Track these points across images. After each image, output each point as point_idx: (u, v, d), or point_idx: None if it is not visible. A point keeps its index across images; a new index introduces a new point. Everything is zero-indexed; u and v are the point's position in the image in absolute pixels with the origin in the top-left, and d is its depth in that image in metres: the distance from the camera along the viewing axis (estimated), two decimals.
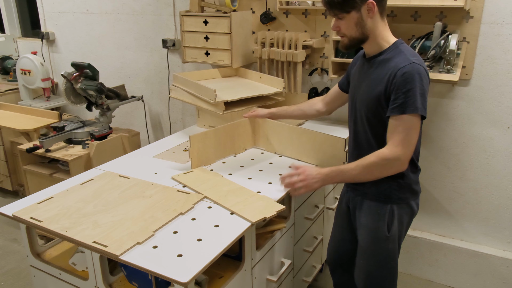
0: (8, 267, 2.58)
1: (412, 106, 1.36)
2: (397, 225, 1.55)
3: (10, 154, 3.16)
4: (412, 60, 1.39)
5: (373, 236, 1.57)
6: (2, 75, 3.82)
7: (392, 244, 1.57)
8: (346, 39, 1.49)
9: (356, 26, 1.44)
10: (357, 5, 1.40)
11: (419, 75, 1.37)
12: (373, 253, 1.60)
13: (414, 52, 1.46)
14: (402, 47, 1.46)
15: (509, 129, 2.09)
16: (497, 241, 2.27)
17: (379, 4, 1.43)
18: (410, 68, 1.37)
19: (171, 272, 1.19)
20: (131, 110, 3.26)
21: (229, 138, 1.98)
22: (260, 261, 1.64)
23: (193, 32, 2.49)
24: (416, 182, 1.57)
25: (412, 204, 1.58)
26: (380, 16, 1.45)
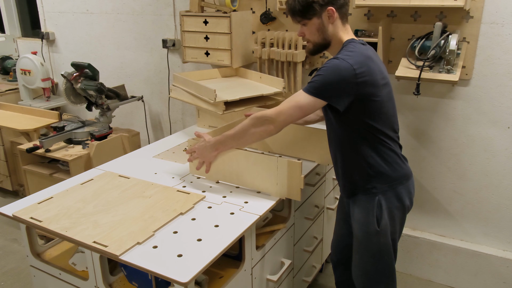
0: (8, 267, 2.58)
1: (309, 87, 1.45)
2: (387, 219, 1.56)
3: (10, 154, 3.15)
4: (340, 56, 1.45)
5: (365, 231, 1.59)
6: (2, 75, 3.81)
7: (383, 238, 1.58)
8: (310, 44, 1.58)
9: (318, 32, 1.52)
10: (318, 12, 1.49)
11: (334, 65, 1.42)
12: (366, 248, 1.62)
13: (353, 49, 1.47)
14: (346, 47, 1.50)
15: (509, 129, 2.09)
16: (497, 241, 2.27)
17: (339, 10, 1.51)
18: (331, 61, 1.44)
19: (171, 272, 1.19)
20: (131, 110, 3.26)
21: None
22: (260, 261, 1.64)
23: (193, 32, 2.49)
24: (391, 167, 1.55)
25: (399, 193, 1.56)
26: (341, 22, 1.53)
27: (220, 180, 1.74)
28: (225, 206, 1.56)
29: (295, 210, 1.87)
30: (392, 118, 1.56)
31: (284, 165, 1.57)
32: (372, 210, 1.55)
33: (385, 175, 1.54)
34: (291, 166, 1.56)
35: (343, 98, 1.43)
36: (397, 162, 1.57)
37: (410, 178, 1.61)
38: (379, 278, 1.64)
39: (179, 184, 1.73)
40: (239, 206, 1.55)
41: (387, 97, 1.53)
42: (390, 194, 1.55)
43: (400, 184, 1.57)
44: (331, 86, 1.42)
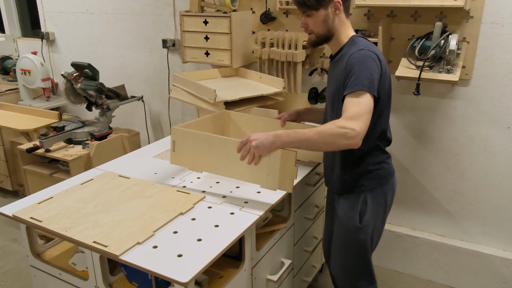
0: (8, 267, 2.58)
1: (360, 84, 1.40)
2: (370, 216, 1.59)
3: (10, 154, 3.16)
4: (361, 47, 1.46)
5: (346, 226, 1.61)
6: (2, 75, 3.82)
7: (363, 235, 1.60)
8: (313, 36, 1.57)
9: (323, 23, 1.52)
10: (325, 3, 1.49)
11: (366, 57, 1.43)
12: (345, 244, 1.64)
13: (368, 43, 1.51)
14: (357, 40, 1.53)
15: (509, 129, 2.09)
16: (497, 241, 2.27)
17: (344, 4, 1.52)
18: (358, 53, 1.44)
19: (171, 272, 1.19)
20: (131, 110, 3.26)
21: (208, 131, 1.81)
22: (260, 261, 1.64)
23: (193, 32, 2.49)
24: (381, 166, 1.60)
25: (385, 191, 1.61)
26: (345, 15, 1.55)
27: (205, 171, 1.62)
28: (225, 206, 1.56)
29: (295, 210, 1.87)
30: (388, 118, 1.60)
31: (277, 155, 1.48)
32: (357, 207, 1.59)
33: (375, 174, 1.58)
34: (285, 156, 1.47)
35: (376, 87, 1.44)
36: (385, 161, 1.61)
37: (394, 175, 1.66)
38: (359, 274, 1.67)
39: (179, 184, 1.73)
40: (239, 206, 1.55)
41: (390, 97, 1.57)
42: (376, 192, 1.59)
43: (386, 182, 1.61)
44: (373, 78, 1.42)
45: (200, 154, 1.61)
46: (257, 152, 1.46)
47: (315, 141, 1.40)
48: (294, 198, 1.84)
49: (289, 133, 1.43)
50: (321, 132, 1.39)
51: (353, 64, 1.43)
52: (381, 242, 2.51)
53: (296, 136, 1.42)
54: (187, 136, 1.62)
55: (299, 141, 1.43)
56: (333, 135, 1.37)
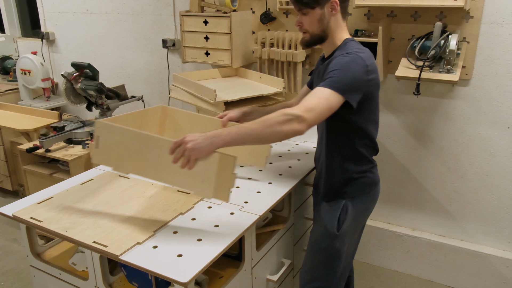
0: (8, 267, 2.58)
1: (332, 83, 1.34)
2: (349, 225, 1.54)
3: (10, 154, 3.16)
4: (349, 50, 1.41)
5: (323, 232, 1.56)
6: (2, 75, 3.82)
7: (339, 244, 1.54)
8: (307, 35, 1.52)
9: (319, 22, 1.47)
10: (322, 2, 1.45)
11: (352, 61, 1.37)
12: (319, 249, 1.58)
13: (360, 47, 1.46)
14: (349, 44, 1.47)
15: (509, 129, 2.09)
16: (497, 241, 2.27)
17: (341, 4, 1.47)
18: (345, 56, 1.40)
19: (171, 272, 1.19)
20: (131, 110, 3.25)
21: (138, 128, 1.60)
22: (260, 261, 1.64)
23: (193, 32, 2.49)
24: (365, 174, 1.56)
25: (367, 200, 1.58)
26: (341, 16, 1.50)
27: (132, 173, 1.43)
28: (225, 206, 1.56)
29: (295, 210, 1.87)
30: (377, 127, 1.56)
31: (214, 160, 1.29)
32: (336, 213, 1.53)
33: (358, 182, 1.54)
34: (223, 161, 1.29)
35: (357, 95, 1.38)
36: (370, 170, 1.57)
37: (378, 184, 1.62)
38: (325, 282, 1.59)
39: None
40: (239, 206, 1.55)
41: (378, 104, 1.53)
42: (358, 200, 1.55)
43: (369, 191, 1.57)
44: (351, 81, 1.37)
45: (127, 153, 1.40)
46: (193, 155, 1.27)
47: (260, 132, 1.30)
48: (294, 198, 1.84)
49: (230, 130, 1.30)
50: (266, 120, 1.31)
51: (334, 65, 1.39)
52: (381, 242, 2.52)
53: (238, 132, 1.30)
54: (113, 132, 1.41)
55: (242, 136, 1.30)
56: (279, 122, 1.30)
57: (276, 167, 1.87)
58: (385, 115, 2.34)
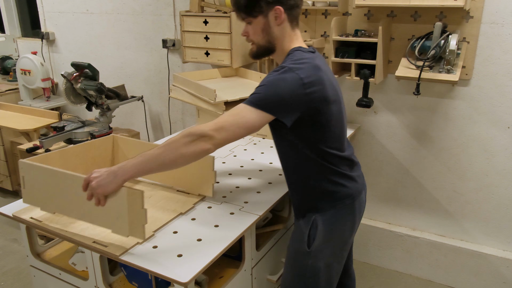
0: (8, 267, 2.58)
1: (254, 99, 1.27)
2: (322, 241, 1.43)
3: (10, 154, 3.16)
4: (286, 64, 1.30)
5: (295, 249, 1.48)
6: (2, 75, 3.82)
7: (312, 261, 1.44)
8: (254, 46, 1.42)
9: (263, 32, 1.37)
10: (264, 10, 1.34)
11: (282, 77, 1.27)
12: (292, 266, 1.50)
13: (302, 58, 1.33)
14: (292, 55, 1.36)
15: (509, 129, 2.09)
16: (497, 241, 2.27)
17: (288, 12, 1.35)
18: (276, 71, 1.30)
19: (171, 272, 1.19)
20: (131, 110, 3.26)
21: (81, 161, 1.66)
22: (260, 261, 1.64)
23: (193, 32, 2.49)
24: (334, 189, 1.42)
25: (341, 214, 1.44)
26: (289, 26, 1.38)
27: (58, 212, 1.42)
28: (225, 206, 1.56)
29: None
30: (339, 138, 1.42)
31: (122, 194, 1.24)
32: (306, 229, 1.44)
33: (327, 196, 1.42)
34: (131, 195, 1.24)
35: (290, 113, 1.27)
36: (341, 183, 1.42)
37: (356, 198, 1.46)
38: None
39: None
40: (239, 206, 1.55)
41: (337, 116, 1.38)
42: (329, 215, 1.43)
43: (342, 205, 1.43)
44: (277, 98, 1.26)
45: (50, 193, 1.38)
46: (99, 192, 1.22)
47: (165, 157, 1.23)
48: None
49: (135, 160, 1.23)
50: (170, 143, 1.24)
51: (263, 80, 1.30)
52: (381, 242, 2.52)
53: (143, 161, 1.23)
54: (35, 171, 1.39)
55: (147, 164, 1.23)
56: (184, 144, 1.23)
57: (276, 167, 1.87)
58: (385, 115, 2.34)
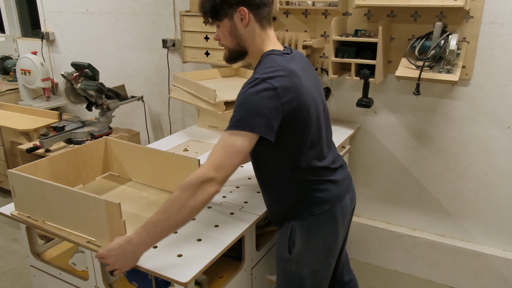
0: (8, 267, 2.58)
1: (236, 123, 1.20)
2: (301, 248, 1.40)
3: (10, 154, 3.15)
4: (258, 75, 1.24)
5: (279, 255, 1.47)
6: (2, 75, 3.81)
7: (295, 267, 1.42)
8: (226, 50, 1.38)
9: (231, 35, 1.33)
10: (228, 12, 1.30)
11: (255, 91, 1.21)
12: (279, 272, 1.49)
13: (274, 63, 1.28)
14: (264, 61, 1.31)
15: (509, 129, 2.09)
16: (497, 241, 2.27)
17: (254, 12, 1.30)
18: (249, 83, 1.24)
19: (171, 272, 1.19)
20: (131, 110, 3.26)
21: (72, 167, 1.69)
22: (260, 261, 1.64)
23: (193, 32, 2.49)
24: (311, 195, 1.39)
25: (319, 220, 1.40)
26: (258, 26, 1.33)
27: (46, 220, 1.45)
28: (225, 206, 1.56)
29: None
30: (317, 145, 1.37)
31: (101, 207, 1.28)
32: (286, 236, 1.42)
33: (303, 203, 1.39)
34: (109, 207, 1.27)
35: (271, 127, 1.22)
36: (318, 189, 1.38)
37: (336, 203, 1.42)
38: None
39: None
40: (239, 206, 1.55)
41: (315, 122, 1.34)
42: (307, 221, 1.39)
43: (321, 210, 1.39)
44: (255, 113, 1.20)
45: (38, 202, 1.42)
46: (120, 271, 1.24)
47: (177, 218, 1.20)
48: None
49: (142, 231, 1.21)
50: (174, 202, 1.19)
51: (238, 97, 1.24)
52: (381, 242, 2.52)
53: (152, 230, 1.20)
54: (23, 181, 1.43)
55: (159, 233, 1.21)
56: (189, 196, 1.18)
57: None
58: (385, 115, 2.34)
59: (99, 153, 1.78)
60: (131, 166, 1.77)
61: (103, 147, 1.79)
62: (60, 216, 1.39)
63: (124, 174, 1.80)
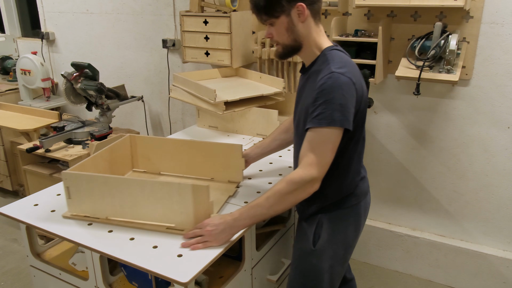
0: (8, 267, 2.58)
1: (329, 118, 1.24)
2: (326, 241, 1.43)
3: (10, 154, 3.15)
4: (333, 69, 1.27)
5: (300, 248, 1.49)
6: (2, 75, 3.81)
7: (316, 260, 1.44)
8: (280, 47, 1.39)
9: (287, 32, 1.34)
10: (286, 8, 1.31)
11: (338, 85, 1.25)
12: (297, 265, 1.50)
13: (343, 60, 1.33)
14: (329, 55, 1.34)
15: (509, 129, 2.09)
16: (497, 241, 2.27)
17: (310, 7, 1.33)
18: (328, 78, 1.26)
19: (171, 272, 1.19)
20: (131, 110, 3.26)
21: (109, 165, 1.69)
22: (260, 261, 1.64)
23: (193, 32, 2.49)
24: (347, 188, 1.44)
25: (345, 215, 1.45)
26: (313, 21, 1.35)
27: (110, 216, 1.45)
28: (225, 206, 1.56)
29: (295, 210, 1.87)
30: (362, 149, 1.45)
31: (188, 191, 1.33)
32: (312, 228, 1.44)
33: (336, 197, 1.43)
34: (196, 191, 1.33)
35: (351, 118, 1.28)
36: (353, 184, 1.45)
37: (362, 199, 1.48)
38: None
39: None
40: (239, 206, 1.55)
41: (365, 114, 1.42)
42: (335, 215, 1.44)
43: (348, 205, 1.45)
44: (343, 109, 1.25)
45: (100, 198, 1.43)
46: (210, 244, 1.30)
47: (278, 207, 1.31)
48: None
49: (244, 211, 1.33)
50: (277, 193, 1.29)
51: (321, 92, 1.26)
52: (381, 242, 2.52)
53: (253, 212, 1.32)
54: (82, 180, 1.43)
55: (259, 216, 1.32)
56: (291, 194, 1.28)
57: (277, 167, 1.87)
58: (385, 115, 2.34)
59: (126, 150, 1.79)
60: (160, 159, 1.79)
61: (129, 144, 1.80)
62: (129, 208, 1.41)
63: (152, 169, 1.81)
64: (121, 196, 1.40)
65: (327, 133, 1.26)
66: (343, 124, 1.25)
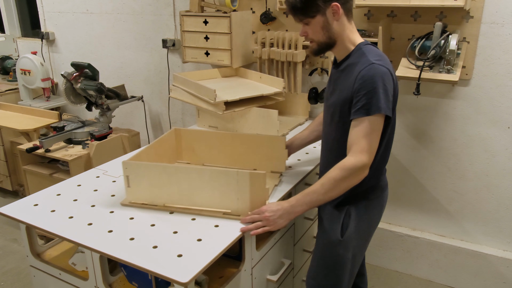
0: (8, 267, 2.58)
1: (375, 106, 1.32)
2: (353, 231, 1.49)
3: (10, 154, 3.15)
4: (372, 61, 1.35)
5: (326, 239, 1.53)
6: (2, 75, 3.82)
7: (343, 250, 1.51)
8: (314, 44, 1.46)
9: (323, 30, 1.41)
10: (321, 8, 1.38)
11: (379, 75, 1.33)
12: (322, 257, 1.55)
13: (378, 53, 1.42)
14: (365, 49, 1.42)
15: (509, 129, 2.09)
16: (497, 241, 2.27)
17: (344, 6, 1.40)
18: (369, 69, 1.34)
19: (171, 272, 1.19)
20: (131, 110, 3.26)
21: (159, 157, 1.77)
22: (260, 261, 1.64)
23: (193, 32, 2.49)
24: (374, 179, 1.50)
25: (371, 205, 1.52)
26: (346, 19, 1.43)
27: (167, 203, 1.51)
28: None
29: None
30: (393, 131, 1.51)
31: (245, 178, 1.41)
32: (340, 218, 1.50)
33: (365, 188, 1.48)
34: (254, 178, 1.41)
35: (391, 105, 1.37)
36: (379, 175, 1.52)
37: (384, 190, 1.57)
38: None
39: None
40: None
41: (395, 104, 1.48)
42: (362, 206, 1.51)
43: (374, 196, 1.53)
44: (385, 97, 1.33)
45: (159, 187, 1.50)
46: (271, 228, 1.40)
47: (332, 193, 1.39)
48: None
49: (301, 197, 1.41)
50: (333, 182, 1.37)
51: (363, 82, 1.33)
52: (381, 242, 2.52)
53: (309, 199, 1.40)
54: (142, 169, 1.50)
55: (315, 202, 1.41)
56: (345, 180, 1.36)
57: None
58: None
59: (172, 142, 1.87)
60: (204, 151, 1.87)
61: (174, 137, 1.88)
62: (186, 195, 1.48)
63: (195, 161, 1.89)
64: (180, 184, 1.47)
65: (374, 121, 1.33)
66: (387, 112, 1.34)
